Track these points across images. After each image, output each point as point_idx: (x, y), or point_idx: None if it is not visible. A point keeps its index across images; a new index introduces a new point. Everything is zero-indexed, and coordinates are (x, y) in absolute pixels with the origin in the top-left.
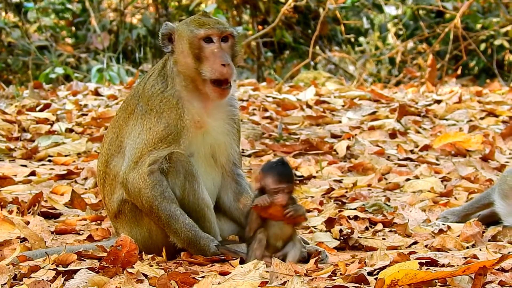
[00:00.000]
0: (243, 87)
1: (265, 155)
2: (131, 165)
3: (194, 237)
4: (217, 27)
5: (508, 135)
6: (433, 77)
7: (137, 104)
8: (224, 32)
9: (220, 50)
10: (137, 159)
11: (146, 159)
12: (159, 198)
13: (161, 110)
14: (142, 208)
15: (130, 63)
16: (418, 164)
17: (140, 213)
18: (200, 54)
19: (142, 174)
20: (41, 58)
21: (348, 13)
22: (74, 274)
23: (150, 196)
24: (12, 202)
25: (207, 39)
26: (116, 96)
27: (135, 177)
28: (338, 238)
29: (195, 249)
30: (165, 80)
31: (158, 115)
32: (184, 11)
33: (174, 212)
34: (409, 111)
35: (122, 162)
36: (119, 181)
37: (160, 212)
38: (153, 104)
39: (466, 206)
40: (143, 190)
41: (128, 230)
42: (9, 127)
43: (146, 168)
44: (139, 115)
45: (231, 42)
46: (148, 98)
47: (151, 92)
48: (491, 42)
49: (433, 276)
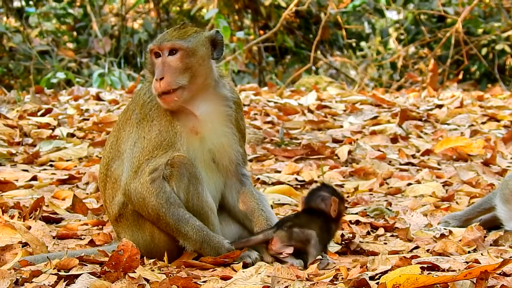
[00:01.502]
0: (245, 92)
1: (266, 159)
2: (131, 175)
3: (206, 237)
4: (159, 41)
5: (509, 140)
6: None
7: (133, 110)
8: (165, 46)
9: (161, 65)
10: (136, 168)
11: (145, 168)
12: (165, 205)
13: (151, 118)
14: (148, 217)
15: (131, 68)
16: (420, 169)
17: (142, 217)
18: (152, 68)
19: (144, 183)
20: (43, 63)
21: (350, 17)
22: (76, 279)
23: (155, 204)
24: (14, 207)
25: (156, 53)
26: (117, 101)
27: (137, 187)
28: (339, 242)
29: (209, 249)
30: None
31: (149, 123)
32: (185, 16)
33: (183, 216)
34: (410, 115)
35: (122, 166)
36: (121, 191)
37: (168, 218)
38: (145, 112)
39: (468, 211)
40: (147, 199)
41: (130, 234)
42: (10, 132)
43: (147, 177)
44: (135, 122)
45: (180, 54)
46: (141, 105)
47: (143, 100)
48: (492, 47)
49: (434, 281)
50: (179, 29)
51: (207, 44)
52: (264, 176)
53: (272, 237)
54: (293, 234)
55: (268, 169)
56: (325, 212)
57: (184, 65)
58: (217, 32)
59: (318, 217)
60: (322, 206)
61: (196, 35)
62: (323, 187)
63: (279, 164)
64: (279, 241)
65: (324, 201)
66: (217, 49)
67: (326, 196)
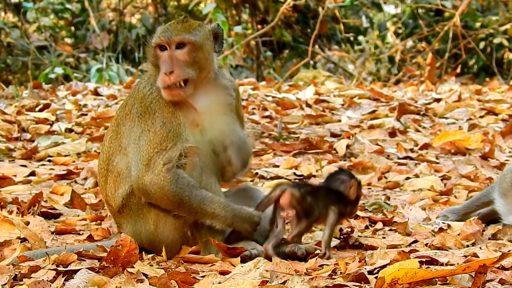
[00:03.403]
0: (243, 87)
1: (264, 154)
2: (143, 168)
3: (236, 210)
4: (167, 35)
5: (507, 133)
6: (433, 75)
7: (133, 105)
8: (173, 40)
9: (168, 58)
10: (147, 161)
11: (158, 159)
12: (187, 188)
13: (153, 111)
14: (168, 205)
15: (129, 63)
16: (418, 163)
17: (147, 206)
18: (156, 62)
19: (160, 173)
20: (41, 58)
21: (347, 12)
22: (74, 274)
23: (176, 190)
24: (12, 203)
25: (161, 47)
26: (115, 96)
27: (152, 178)
28: (338, 237)
29: (241, 222)
30: (154, 82)
31: (151, 116)
32: (183, 11)
33: (207, 195)
34: (408, 109)
35: (125, 160)
36: (134, 186)
37: (192, 201)
38: (145, 106)
39: (466, 205)
40: (166, 187)
41: (132, 224)
42: (8, 127)
43: (162, 168)
44: (135, 116)
45: (188, 48)
46: (140, 99)
47: (142, 94)
48: (490, 41)
49: (433, 275)
50: (183, 22)
51: (211, 37)
52: (262, 171)
53: (285, 190)
54: (304, 200)
55: (267, 164)
56: (343, 195)
57: (192, 59)
58: (218, 25)
59: (335, 196)
60: (341, 188)
61: (200, 28)
62: (341, 171)
63: (277, 159)
64: (289, 197)
65: (343, 183)
66: (218, 42)
67: (346, 179)
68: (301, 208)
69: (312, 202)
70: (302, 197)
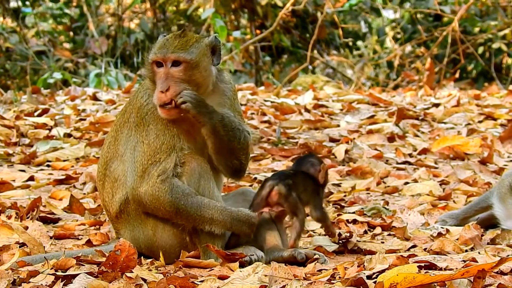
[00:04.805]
0: (241, 92)
1: (263, 159)
2: (137, 179)
3: (234, 213)
4: (163, 52)
5: (506, 138)
6: (431, 80)
7: (130, 113)
8: (169, 57)
9: (164, 75)
10: (141, 172)
11: (152, 171)
12: (182, 197)
13: (147, 122)
14: (165, 214)
15: (128, 68)
16: (417, 168)
17: (145, 212)
18: (153, 77)
19: (155, 184)
20: (39, 63)
21: (346, 17)
22: (73, 279)
23: (172, 199)
24: (11, 207)
25: (158, 63)
26: (114, 101)
27: (147, 189)
28: (337, 242)
29: (240, 224)
30: (152, 93)
31: (145, 128)
32: (182, 16)
33: (203, 201)
34: (407, 114)
35: (122, 167)
36: (129, 196)
37: (189, 208)
38: (141, 116)
39: (465, 209)
40: (162, 197)
41: (130, 229)
42: (7, 132)
43: (156, 179)
44: (132, 125)
45: (183, 66)
46: (137, 109)
47: (139, 104)
48: (489, 46)
49: (432, 280)
50: (180, 37)
51: (208, 52)
52: (261, 176)
53: (273, 187)
54: (289, 197)
55: (265, 169)
56: (314, 177)
57: (188, 77)
58: (216, 38)
59: (310, 181)
60: (311, 171)
61: (197, 44)
62: (311, 155)
63: (276, 164)
64: (278, 194)
65: (313, 166)
66: (216, 55)
67: (316, 162)
68: (288, 205)
69: (297, 200)
70: (288, 195)
